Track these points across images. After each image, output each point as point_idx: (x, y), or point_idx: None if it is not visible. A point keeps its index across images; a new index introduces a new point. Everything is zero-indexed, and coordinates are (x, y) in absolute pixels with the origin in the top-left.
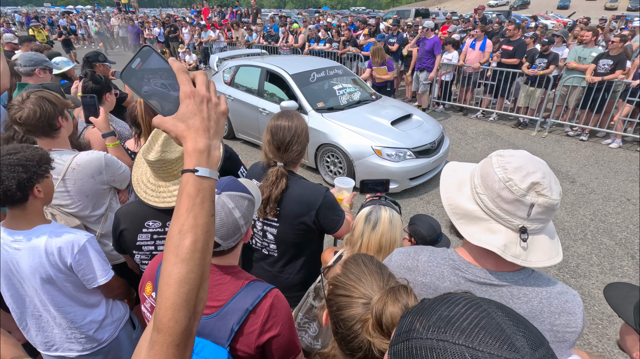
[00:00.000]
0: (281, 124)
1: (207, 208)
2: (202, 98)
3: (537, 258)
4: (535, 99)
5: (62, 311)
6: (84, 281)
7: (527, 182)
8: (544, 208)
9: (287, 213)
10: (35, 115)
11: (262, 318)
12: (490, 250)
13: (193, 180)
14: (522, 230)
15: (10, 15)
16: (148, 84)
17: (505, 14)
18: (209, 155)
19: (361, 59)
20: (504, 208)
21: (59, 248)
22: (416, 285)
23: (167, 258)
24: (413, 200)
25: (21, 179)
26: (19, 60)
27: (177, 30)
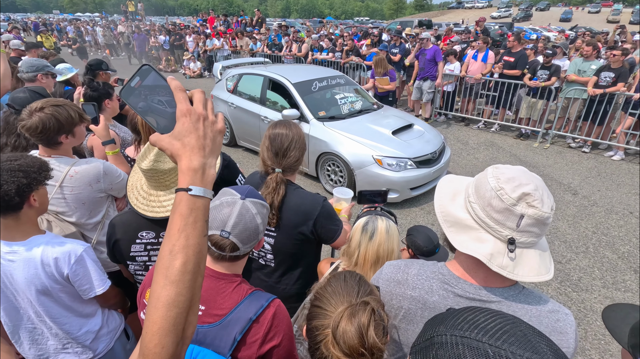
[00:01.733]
0: (279, 131)
1: (200, 228)
2: (198, 116)
3: (524, 272)
4: (537, 110)
5: (58, 322)
6: (81, 291)
7: (518, 192)
8: (534, 220)
9: (285, 222)
10: (37, 130)
11: (264, 328)
12: (478, 260)
13: (186, 199)
14: (511, 240)
15: (21, 21)
16: (145, 101)
17: (508, 25)
18: (203, 173)
19: (364, 68)
20: (494, 217)
21: (55, 258)
22: (405, 298)
23: (156, 279)
24: (414, 210)
25: (21, 184)
26: (21, 67)
27: (182, 38)
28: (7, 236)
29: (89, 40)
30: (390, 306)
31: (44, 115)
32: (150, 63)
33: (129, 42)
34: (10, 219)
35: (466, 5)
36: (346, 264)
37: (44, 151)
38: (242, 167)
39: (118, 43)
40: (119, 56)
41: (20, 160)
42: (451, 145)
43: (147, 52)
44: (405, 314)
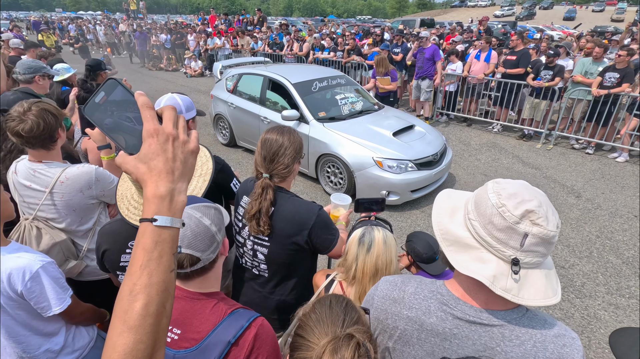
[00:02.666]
0: (270, 137)
1: (165, 263)
2: (167, 136)
3: (529, 295)
4: (540, 111)
5: (15, 341)
6: (38, 308)
7: (521, 209)
8: (539, 239)
9: (279, 232)
10: (39, 127)
11: (245, 351)
12: (480, 282)
13: (150, 230)
14: (514, 261)
15: (25, 19)
16: (112, 117)
17: (511, 24)
18: (171, 200)
19: (365, 68)
20: (496, 236)
21: (8, 274)
22: (401, 318)
23: (114, 324)
24: (414, 213)
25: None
26: (17, 68)
27: (184, 37)
28: None
29: (90, 39)
30: (385, 326)
31: (38, 112)
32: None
33: (130, 41)
34: None
35: (469, 3)
36: (343, 276)
37: (35, 156)
38: (242, 167)
39: (120, 42)
40: (121, 55)
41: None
42: (453, 146)
43: (148, 51)
44: (401, 335)
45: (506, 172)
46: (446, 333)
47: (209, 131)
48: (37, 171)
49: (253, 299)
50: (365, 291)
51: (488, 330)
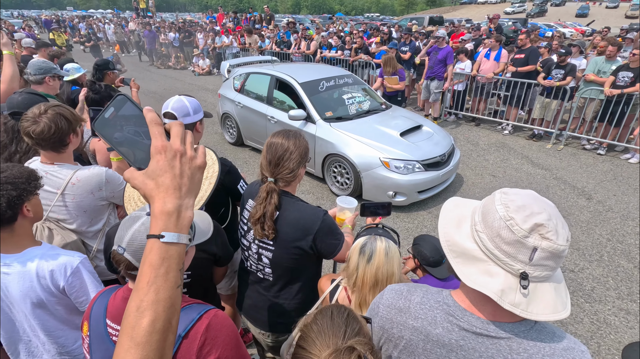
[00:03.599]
0: (276, 140)
1: (172, 279)
2: (174, 153)
3: (539, 310)
4: (550, 111)
5: (53, 336)
6: (77, 303)
7: (530, 223)
8: (549, 254)
9: (283, 236)
10: (50, 131)
11: (197, 344)
12: (486, 295)
13: (158, 247)
14: (523, 275)
15: (37, 18)
16: (120, 131)
17: (522, 21)
18: (178, 217)
19: (373, 66)
20: (504, 250)
21: (51, 271)
22: (406, 328)
23: (121, 340)
24: (421, 214)
25: (10, 197)
26: (28, 69)
27: (192, 36)
28: (2, 249)
29: (100, 38)
30: (390, 335)
31: (52, 116)
32: (123, 93)
33: (139, 40)
34: (5, 232)
35: (479, 0)
36: (347, 283)
37: (47, 157)
38: (249, 166)
39: (129, 40)
40: (130, 53)
41: (6, 172)
42: (461, 146)
43: (156, 49)
44: (406, 346)
45: (515, 173)
46: (452, 344)
47: (216, 130)
48: (49, 173)
49: (258, 303)
50: (365, 300)
51: (495, 342)
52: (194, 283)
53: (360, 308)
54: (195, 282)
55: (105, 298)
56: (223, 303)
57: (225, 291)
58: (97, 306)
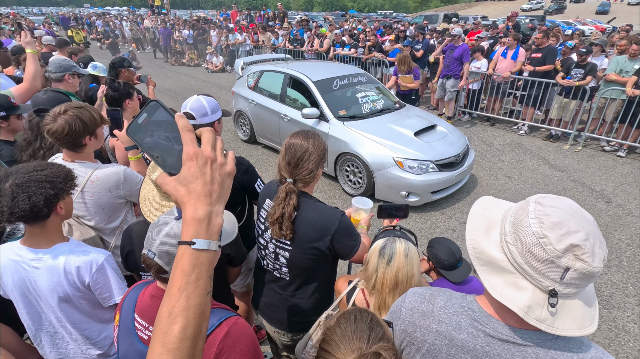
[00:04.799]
0: (295, 141)
1: (203, 286)
2: (205, 159)
3: (565, 325)
4: (569, 111)
5: (78, 328)
6: (101, 299)
7: (565, 244)
8: (582, 274)
9: (301, 237)
10: (63, 132)
11: (215, 350)
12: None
13: (189, 254)
14: (552, 293)
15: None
16: (152, 136)
17: (539, 19)
18: (209, 223)
19: (386, 64)
20: (534, 266)
21: (77, 267)
22: (430, 332)
23: (153, 346)
24: (434, 214)
25: (48, 195)
26: (49, 67)
27: (206, 33)
28: (33, 244)
29: (118, 35)
30: (413, 339)
31: (69, 117)
32: (157, 99)
33: (154, 37)
34: (37, 227)
35: None
36: (365, 285)
37: (68, 155)
38: (261, 163)
39: (144, 37)
40: (145, 50)
41: (46, 171)
42: (475, 146)
43: (171, 46)
44: (429, 350)
45: (531, 174)
46: (477, 350)
47: (230, 127)
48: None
49: (274, 301)
50: (385, 302)
51: (522, 350)
52: None
53: (380, 311)
54: None
55: (136, 292)
56: (237, 300)
57: (240, 289)
58: (128, 299)
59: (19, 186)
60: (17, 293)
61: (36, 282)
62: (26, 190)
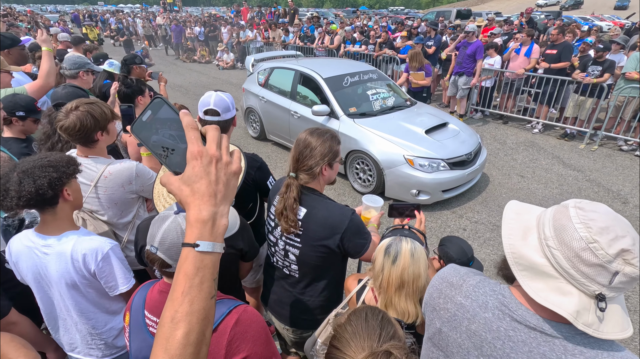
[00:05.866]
0: (301, 136)
1: (207, 289)
2: (210, 158)
3: (609, 329)
4: (585, 109)
5: (85, 317)
6: (107, 288)
7: (616, 248)
8: (630, 279)
9: (311, 235)
10: (75, 127)
11: (226, 338)
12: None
13: (193, 256)
14: (600, 297)
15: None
16: (157, 134)
17: (555, 14)
18: (213, 224)
19: (397, 61)
20: (582, 271)
21: (83, 254)
22: (453, 302)
23: (155, 352)
24: (445, 213)
25: (52, 178)
26: (64, 64)
27: (217, 30)
28: (44, 230)
29: (132, 32)
30: (436, 304)
31: (80, 113)
32: (161, 96)
33: (166, 34)
34: (48, 214)
35: None
36: (374, 283)
37: (82, 151)
38: (271, 160)
39: (156, 34)
40: (157, 47)
41: (49, 157)
42: (487, 145)
43: (182, 44)
44: (450, 319)
45: (545, 174)
46: (500, 332)
47: (240, 124)
48: (83, 165)
49: (283, 298)
50: (391, 302)
51: (549, 341)
52: (221, 277)
53: (387, 309)
54: (221, 277)
55: (144, 290)
56: (247, 295)
57: (250, 285)
58: (137, 298)
59: (24, 172)
60: (31, 278)
61: (47, 268)
62: (31, 175)
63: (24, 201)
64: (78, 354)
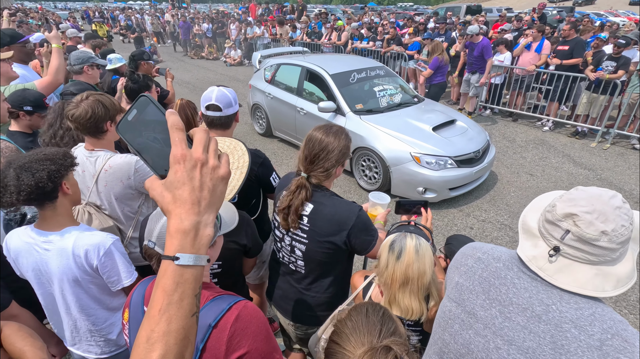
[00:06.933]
0: (316, 135)
1: (186, 306)
2: (195, 162)
3: (563, 281)
4: (597, 107)
5: (85, 313)
6: (109, 283)
7: (566, 211)
8: (577, 238)
9: (318, 231)
10: (87, 115)
11: (227, 334)
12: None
13: (172, 270)
14: (555, 248)
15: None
16: (141, 137)
17: (568, 10)
18: (195, 235)
19: (405, 58)
20: (545, 227)
21: (85, 250)
22: (473, 257)
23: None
24: (451, 211)
25: (50, 171)
26: (69, 60)
27: (225, 26)
28: (44, 226)
29: (143, 29)
30: (457, 262)
31: (92, 102)
32: (147, 94)
33: (174, 30)
34: (49, 209)
35: None
36: (379, 280)
37: (89, 143)
38: (277, 157)
39: (165, 31)
40: (165, 44)
41: (45, 151)
42: (496, 142)
43: (190, 40)
44: (467, 271)
45: (555, 172)
46: (507, 279)
47: (246, 120)
48: (88, 158)
49: (288, 294)
50: (395, 298)
51: (548, 289)
52: (224, 274)
53: (390, 306)
54: (225, 273)
55: (143, 286)
56: (251, 292)
57: (254, 281)
58: (136, 294)
59: (21, 167)
60: (32, 275)
61: (47, 264)
62: (29, 169)
63: (24, 195)
64: (78, 351)
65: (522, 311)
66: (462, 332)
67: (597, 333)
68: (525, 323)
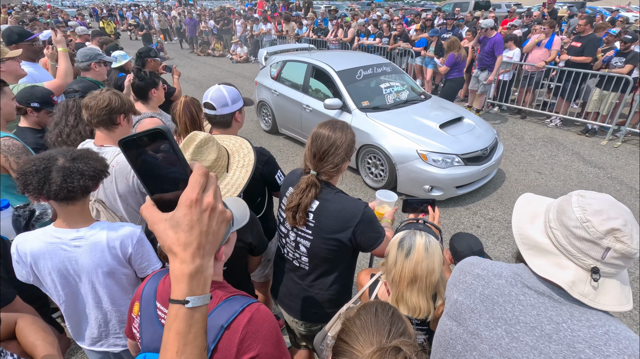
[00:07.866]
0: (322, 132)
1: (200, 344)
2: (206, 206)
3: (606, 301)
4: (608, 104)
5: (117, 304)
6: (139, 269)
7: (607, 227)
8: (621, 255)
9: (323, 227)
10: (103, 103)
11: (238, 336)
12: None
13: (183, 313)
14: (594, 269)
15: (88, 7)
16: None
17: (579, 5)
18: (200, 278)
19: (412, 54)
20: (577, 246)
21: (120, 241)
22: (472, 274)
23: None
24: (458, 210)
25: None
26: (77, 57)
27: (231, 23)
28: (71, 224)
29: (151, 26)
30: (455, 280)
31: (108, 93)
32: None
33: (180, 27)
34: (78, 206)
35: None
36: (386, 278)
37: (99, 138)
38: (283, 154)
39: (171, 28)
40: (172, 41)
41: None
42: (504, 140)
43: (197, 37)
44: (466, 289)
45: (564, 171)
46: (512, 296)
47: (252, 117)
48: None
49: (292, 291)
50: (403, 296)
51: (556, 306)
52: (230, 272)
53: (397, 304)
54: (230, 271)
55: (155, 281)
56: (256, 290)
57: (259, 279)
58: (147, 288)
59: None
60: (56, 276)
61: (77, 261)
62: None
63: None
64: (100, 348)
65: (531, 330)
66: (466, 353)
67: (613, 354)
68: (534, 343)
